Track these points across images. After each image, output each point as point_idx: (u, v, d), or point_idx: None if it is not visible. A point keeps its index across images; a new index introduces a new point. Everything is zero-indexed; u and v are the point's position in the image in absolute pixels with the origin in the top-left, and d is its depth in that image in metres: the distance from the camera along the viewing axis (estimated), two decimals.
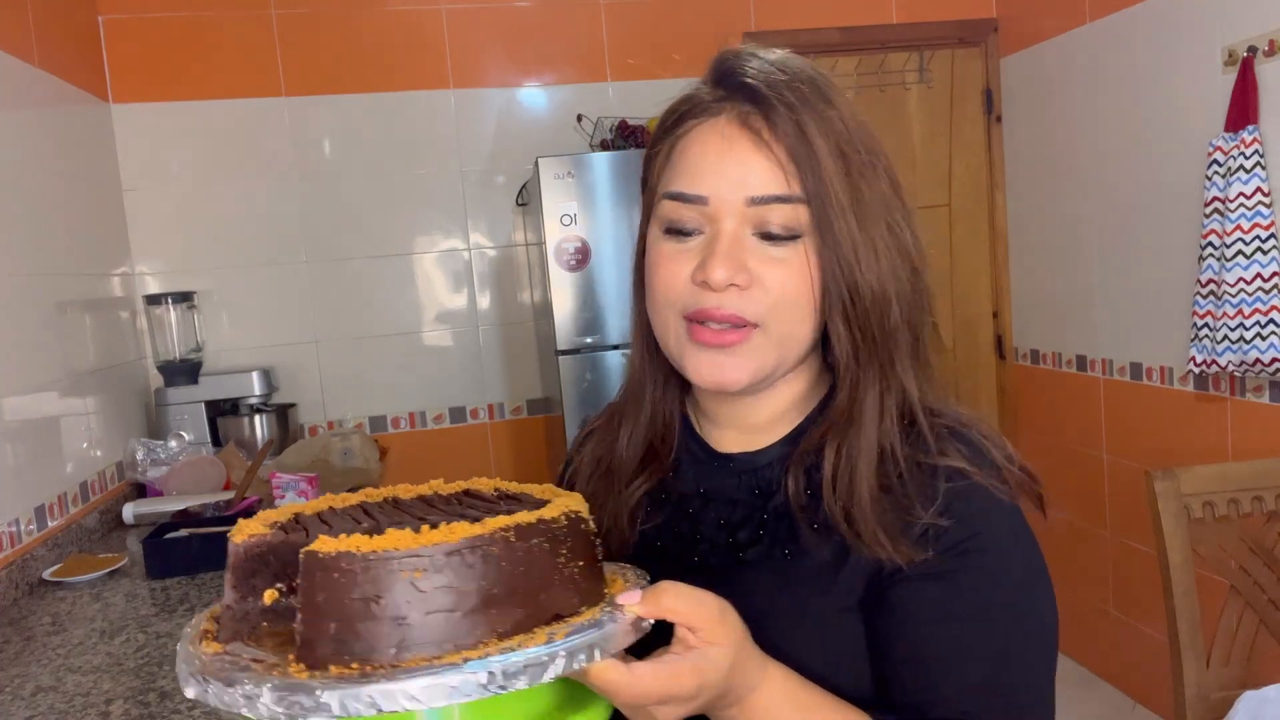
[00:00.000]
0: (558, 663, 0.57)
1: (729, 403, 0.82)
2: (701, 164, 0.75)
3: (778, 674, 0.69)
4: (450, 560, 0.59)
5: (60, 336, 2.25)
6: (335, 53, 2.99)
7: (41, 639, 1.61)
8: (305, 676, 0.57)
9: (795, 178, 0.73)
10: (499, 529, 0.61)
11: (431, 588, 0.58)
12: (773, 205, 0.73)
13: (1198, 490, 1.83)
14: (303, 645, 0.59)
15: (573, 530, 0.65)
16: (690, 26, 3.19)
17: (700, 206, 0.75)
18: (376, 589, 0.58)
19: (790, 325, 0.75)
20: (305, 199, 3.01)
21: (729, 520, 0.81)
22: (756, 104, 0.74)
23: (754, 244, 0.74)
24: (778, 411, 0.82)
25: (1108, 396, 3.00)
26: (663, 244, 0.77)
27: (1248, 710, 1.47)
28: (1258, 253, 2.27)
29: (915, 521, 0.73)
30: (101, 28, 2.84)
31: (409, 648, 0.58)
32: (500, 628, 0.59)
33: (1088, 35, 2.93)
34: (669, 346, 0.78)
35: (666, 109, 0.80)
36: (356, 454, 2.66)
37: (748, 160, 0.73)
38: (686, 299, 0.75)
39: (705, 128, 0.76)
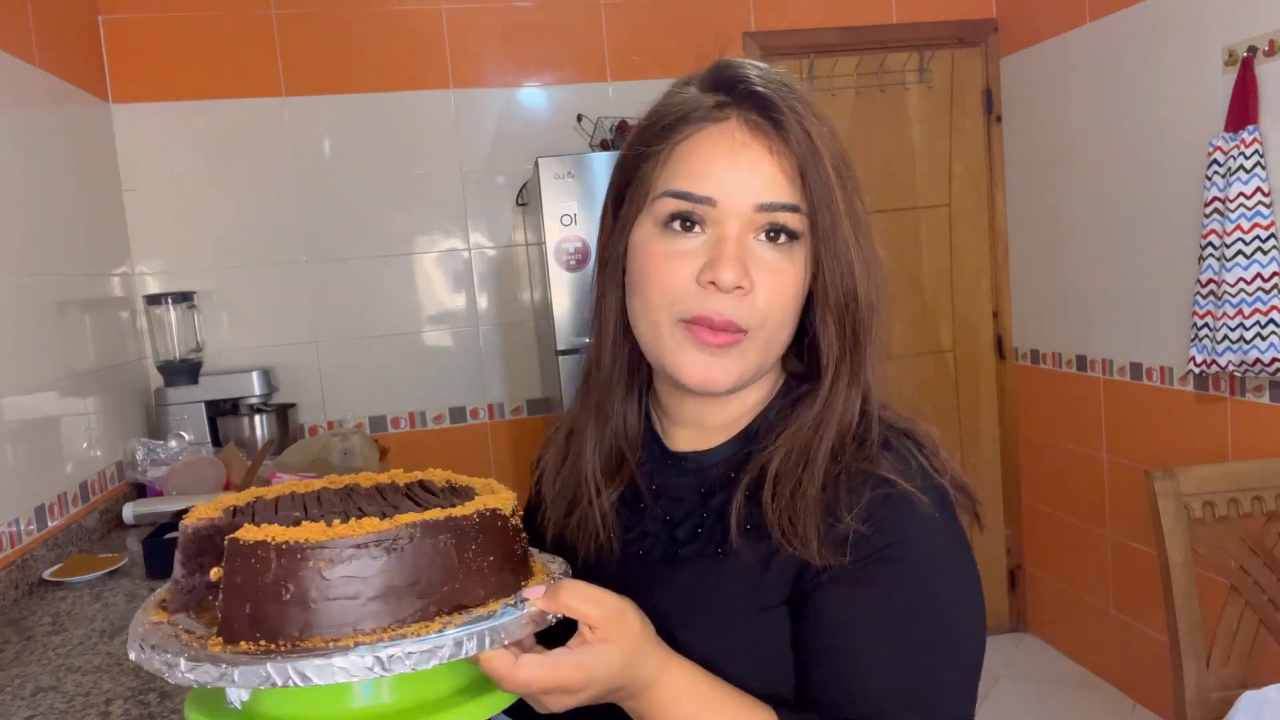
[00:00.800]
0: (443, 649, 0.62)
1: (697, 404, 0.83)
2: (710, 167, 0.75)
3: (680, 670, 0.72)
4: (356, 553, 0.64)
5: (60, 336, 2.25)
6: (335, 53, 2.99)
7: (41, 639, 1.61)
8: (219, 649, 0.63)
9: (800, 187, 0.75)
10: (404, 525, 0.66)
11: (335, 576, 0.64)
12: (779, 212, 0.75)
13: (1198, 490, 1.83)
14: (223, 622, 0.65)
15: (485, 527, 0.70)
16: (690, 26, 3.19)
17: (707, 208, 0.75)
18: (286, 575, 0.64)
19: (776, 331, 0.78)
20: (305, 199, 3.01)
21: (673, 517, 0.83)
22: (766, 112, 0.75)
23: (756, 247, 0.76)
24: (737, 412, 0.84)
25: (1108, 396, 3.00)
26: (657, 243, 0.77)
27: (1248, 710, 1.47)
28: (1258, 253, 2.27)
29: (837, 525, 0.74)
30: (101, 28, 2.84)
31: (311, 630, 0.63)
32: (400, 615, 0.65)
33: (1088, 35, 2.93)
34: (656, 345, 0.78)
35: (656, 112, 0.80)
36: (356, 454, 2.66)
37: (759, 166, 0.75)
38: (687, 301, 0.75)
39: (713, 131, 0.76)
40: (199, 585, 0.73)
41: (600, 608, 0.68)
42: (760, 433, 0.82)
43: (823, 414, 0.78)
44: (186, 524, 0.73)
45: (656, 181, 0.77)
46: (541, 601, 0.68)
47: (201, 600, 0.73)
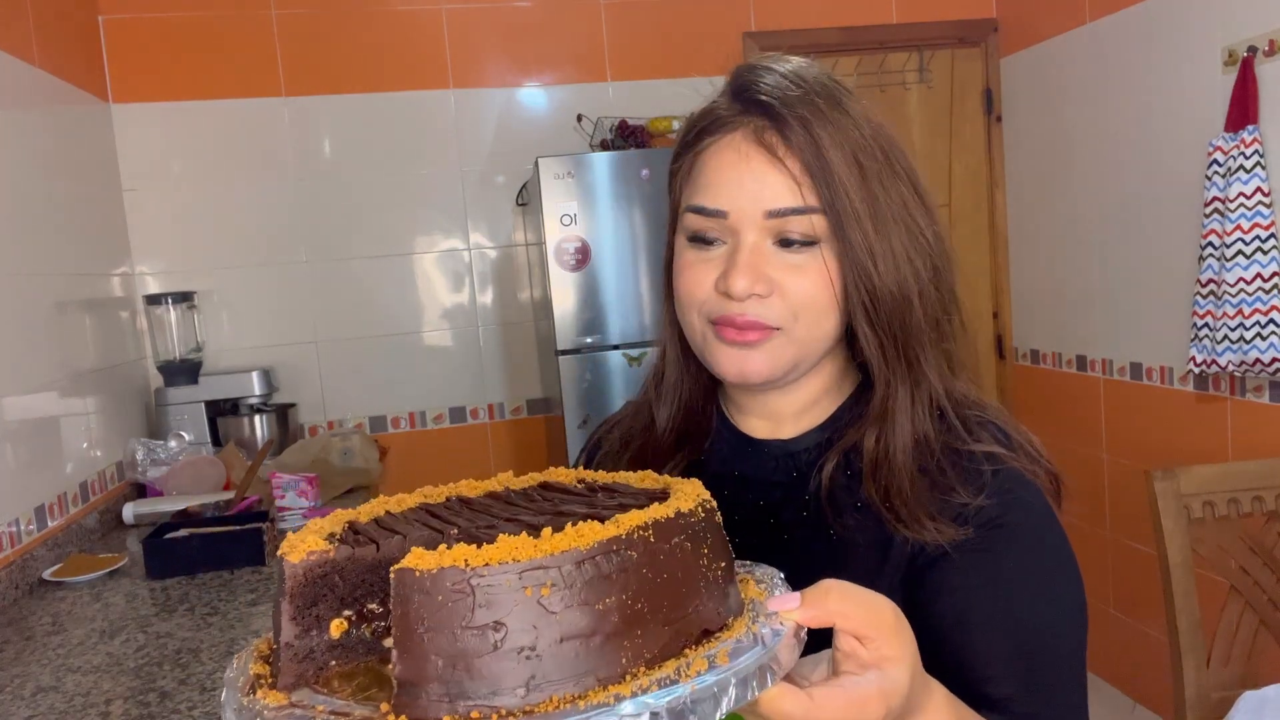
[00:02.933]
0: (730, 693, 0.47)
1: (756, 394, 0.85)
2: (719, 179, 0.78)
3: (940, 692, 0.63)
4: (582, 570, 0.47)
5: (60, 336, 2.25)
6: (335, 53, 2.99)
7: (41, 639, 1.61)
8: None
9: (810, 189, 0.75)
10: (635, 527, 0.50)
11: (563, 607, 0.46)
12: (789, 217, 0.76)
13: (1198, 490, 1.83)
14: (401, 691, 0.47)
15: (710, 525, 0.55)
16: (690, 26, 3.19)
17: (720, 219, 0.77)
18: (495, 613, 0.46)
19: (810, 328, 0.78)
20: (305, 199, 3.00)
21: (768, 502, 0.83)
22: (771, 119, 0.76)
23: (774, 252, 0.77)
24: (805, 402, 0.85)
25: (1108, 396, 3.00)
26: (687, 252, 0.81)
27: (1248, 710, 1.47)
28: (1258, 253, 2.27)
29: (955, 502, 0.76)
30: (101, 28, 2.84)
31: (540, 686, 0.46)
32: (648, 652, 0.49)
33: (1088, 35, 2.93)
34: (695, 344, 0.82)
35: (687, 123, 0.83)
36: (356, 454, 2.66)
37: (763, 175, 0.76)
38: (711, 305, 0.79)
39: (722, 144, 0.78)
40: (318, 647, 0.56)
41: (878, 615, 0.56)
42: (849, 421, 0.83)
43: (885, 408, 0.79)
44: (294, 561, 0.55)
45: (682, 196, 0.82)
46: (800, 613, 0.55)
47: (323, 667, 0.56)
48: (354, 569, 0.56)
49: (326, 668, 0.55)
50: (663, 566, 0.50)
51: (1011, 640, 0.74)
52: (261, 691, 0.52)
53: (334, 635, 0.55)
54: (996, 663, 0.73)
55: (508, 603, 0.46)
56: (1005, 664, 0.74)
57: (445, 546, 0.48)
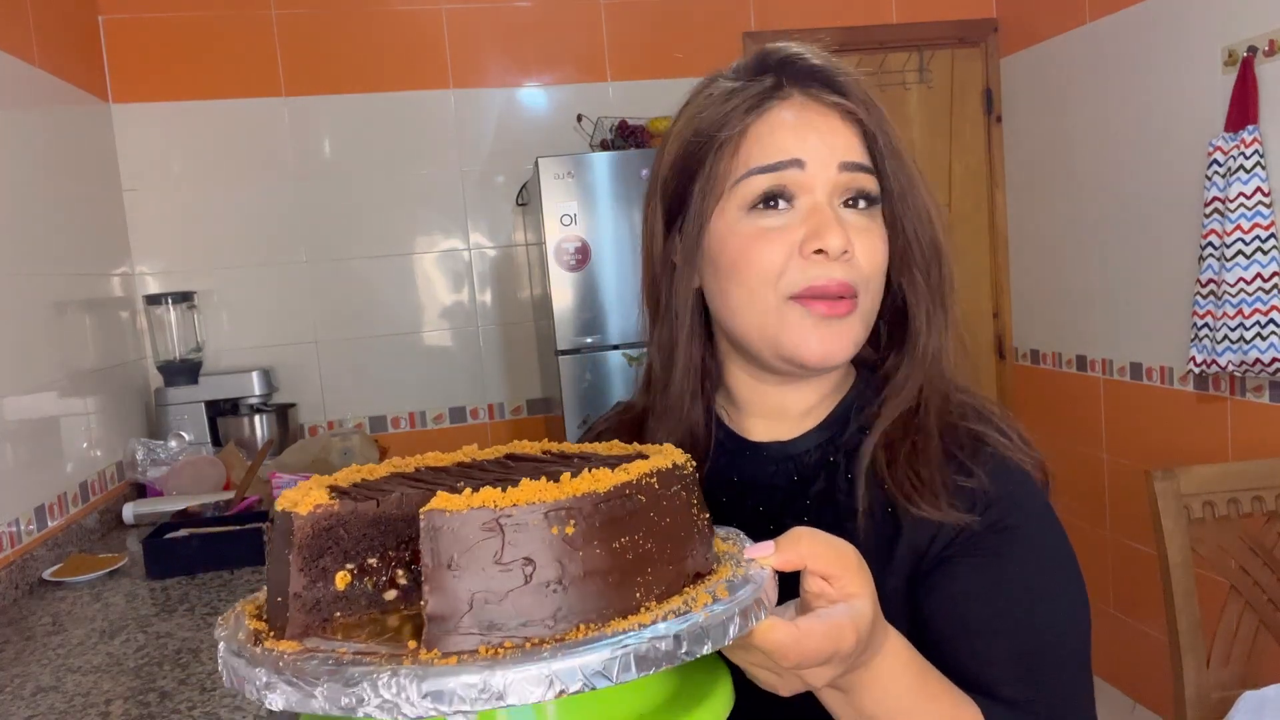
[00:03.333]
0: (735, 622, 0.52)
1: (781, 390, 0.82)
2: (790, 135, 0.75)
3: (894, 634, 0.66)
4: (599, 511, 0.51)
5: (60, 336, 2.25)
6: (335, 53, 2.99)
7: (41, 639, 1.61)
8: (453, 661, 0.47)
9: (870, 152, 0.76)
10: (643, 475, 0.55)
11: (585, 544, 0.51)
12: (858, 173, 0.75)
13: (1198, 490, 1.83)
14: (433, 625, 0.49)
15: (695, 480, 0.61)
16: (690, 26, 3.19)
17: (796, 172, 0.74)
18: (522, 550, 0.50)
19: (876, 295, 0.77)
20: (305, 199, 3.01)
21: (769, 508, 0.81)
22: (827, 84, 0.76)
23: (844, 214, 0.75)
24: (815, 398, 0.83)
25: (1108, 396, 3.00)
26: (745, 225, 0.75)
27: (1248, 710, 1.47)
28: (1258, 253, 2.27)
29: (962, 483, 0.75)
30: (101, 28, 2.84)
31: (567, 617, 0.50)
32: (657, 589, 0.53)
33: (1088, 35, 2.93)
34: (765, 329, 0.76)
35: (702, 113, 0.78)
36: (356, 454, 2.66)
37: (835, 128, 0.75)
38: (793, 276, 0.74)
39: (782, 108, 0.76)
40: (324, 598, 0.57)
41: (843, 555, 0.61)
42: (851, 418, 0.81)
43: (921, 370, 0.78)
44: (302, 514, 0.57)
45: (734, 167, 0.76)
46: (776, 557, 0.59)
47: (329, 619, 0.57)
48: (356, 523, 0.58)
49: (332, 619, 0.57)
50: (665, 511, 0.55)
51: (1014, 642, 0.74)
52: (270, 641, 0.54)
53: (339, 587, 0.57)
54: (1000, 665, 0.74)
55: (535, 540, 0.50)
56: (1008, 666, 0.74)
57: (470, 491, 0.51)
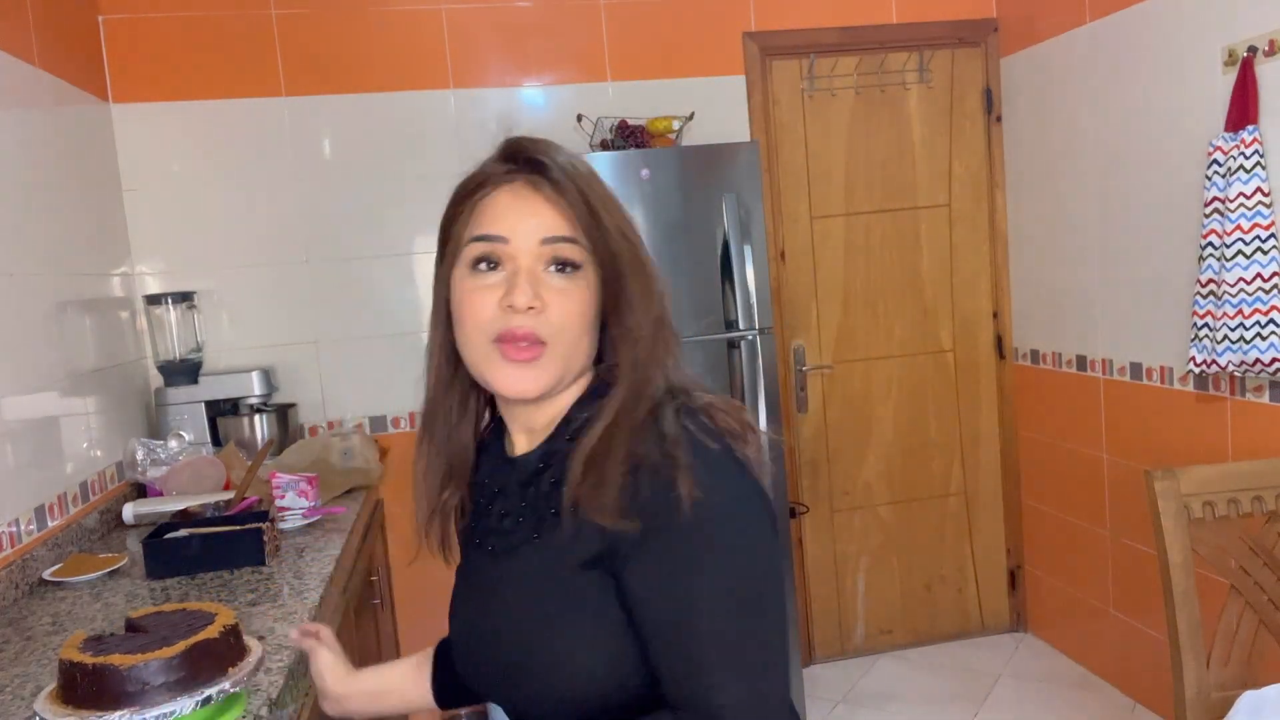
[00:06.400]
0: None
1: (523, 410, 0.99)
2: (502, 213, 0.93)
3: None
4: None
5: (60, 336, 2.25)
6: (335, 53, 2.99)
7: (41, 639, 1.61)
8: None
9: (577, 223, 0.92)
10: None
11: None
12: (560, 244, 0.92)
13: (1198, 490, 1.83)
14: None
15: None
16: (690, 26, 3.19)
17: (502, 245, 0.92)
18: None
19: (573, 344, 0.93)
20: (305, 199, 3.00)
21: (507, 511, 0.98)
22: (542, 173, 0.93)
23: (546, 277, 0.92)
24: (554, 414, 0.98)
25: (1108, 396, 3.00)
26: (468, 280, 0.94)
27: (1248, 710, 1.47)
28: (1258, 253, 2.27)
29: (623, 498, 0.86)
30: (101, 28, 2.84)
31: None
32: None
33: (1088, 35, 2.93)
34: (478, 365, 0.95)
35: (464, 182, 0.98)
36: (356, 454, 2.66)
37: (540, 211, 0.93)
38: (495, 323, 0.92)
39: (502, 190, 0.94)
40: None
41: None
42: (566, 427, 0.96)
43: (618, 405, 0.92)
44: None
45: (465, 232, 0.95)
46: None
47: None
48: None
49: None
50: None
51: (658, 637, 0.86)
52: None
53: None
54: (664, 668, 0.86)
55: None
56: (670, 668, 0.86)
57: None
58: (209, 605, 1.25)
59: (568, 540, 0.89)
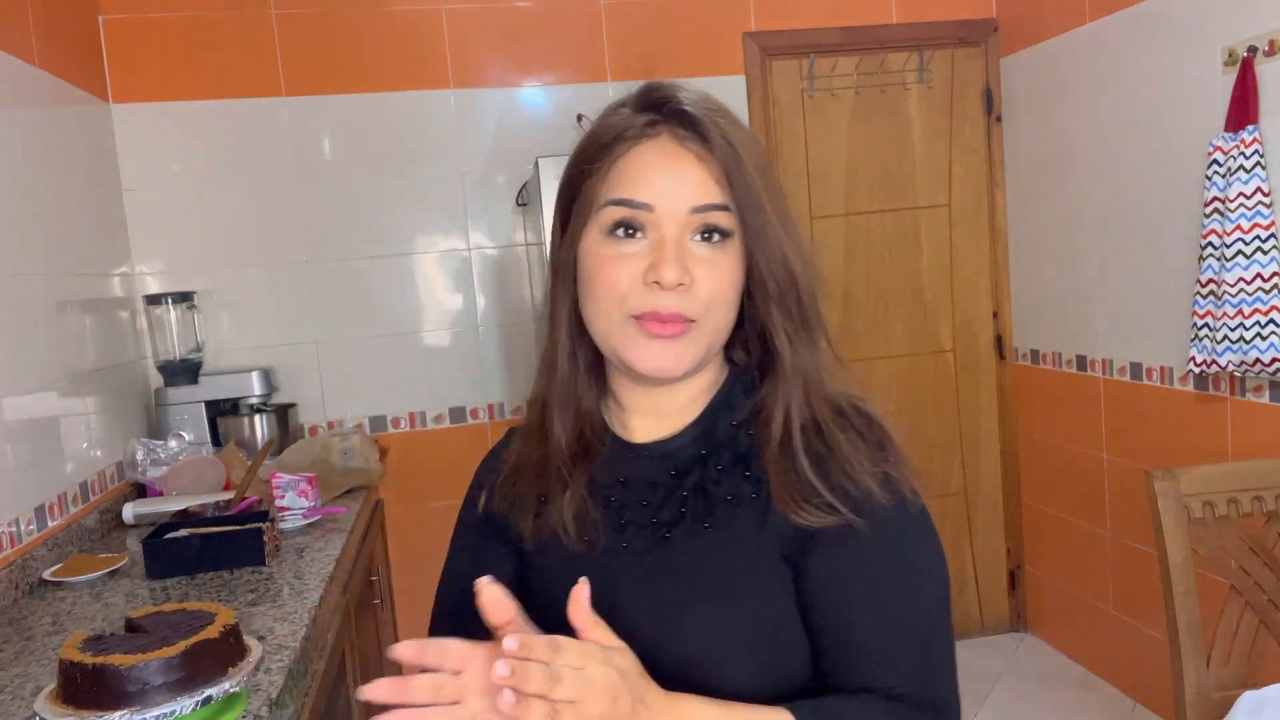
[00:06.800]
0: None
1: (652, 392, 0.91)
2: (647, 175, 0.84)
3: (693, 699, 0.77)
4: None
5: (60, 336, 2.25)
6: (335, 53, 2.99)
7: (41, 639, 1.61)
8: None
9: (727, 189, 0.83)
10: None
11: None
12: (710, 212, 0.83)
13: (1198, 490, 1.83)
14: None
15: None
16: (690, 26, 3.19)
17: (646, 213, 0.83)
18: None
19: (720, 320, 0.86)
20: (305, 199, 3.01)
21: (650, 502, 0.88)
22: (692, 127, 0.84)
23: (692, 246, 0.84)
24: (688, 399, 0.91)
25: (1108, 396, 3.00)
26: (605, 247, 0.85)
27: (1248, 710, 1.47)
28: (1258, 253, 2.27)
29: (835, 488, 0.82)
30: (101, 28, 2.84)
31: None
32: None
33: (1088, 35, 2.93)
34: (611, 339, 0.86)
35: (593, 134, 0.90)
36: (356, 454, 2.66)
37: (689, 173, 0.84)
38: (635, 299, 0.83)
39: (647, 146, 0.85)
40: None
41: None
42: (720, 414, 0.90)
43: (791, 384, 0.86)
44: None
45: (600, 193, 0.86)
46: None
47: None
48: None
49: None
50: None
51: (883, 627, 0.82)
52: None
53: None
54: (871, 649, 0.82)
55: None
56: (880, 650, 0.82)
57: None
58: (209, 605, 1.25)
59: (755, 530, 0.83)
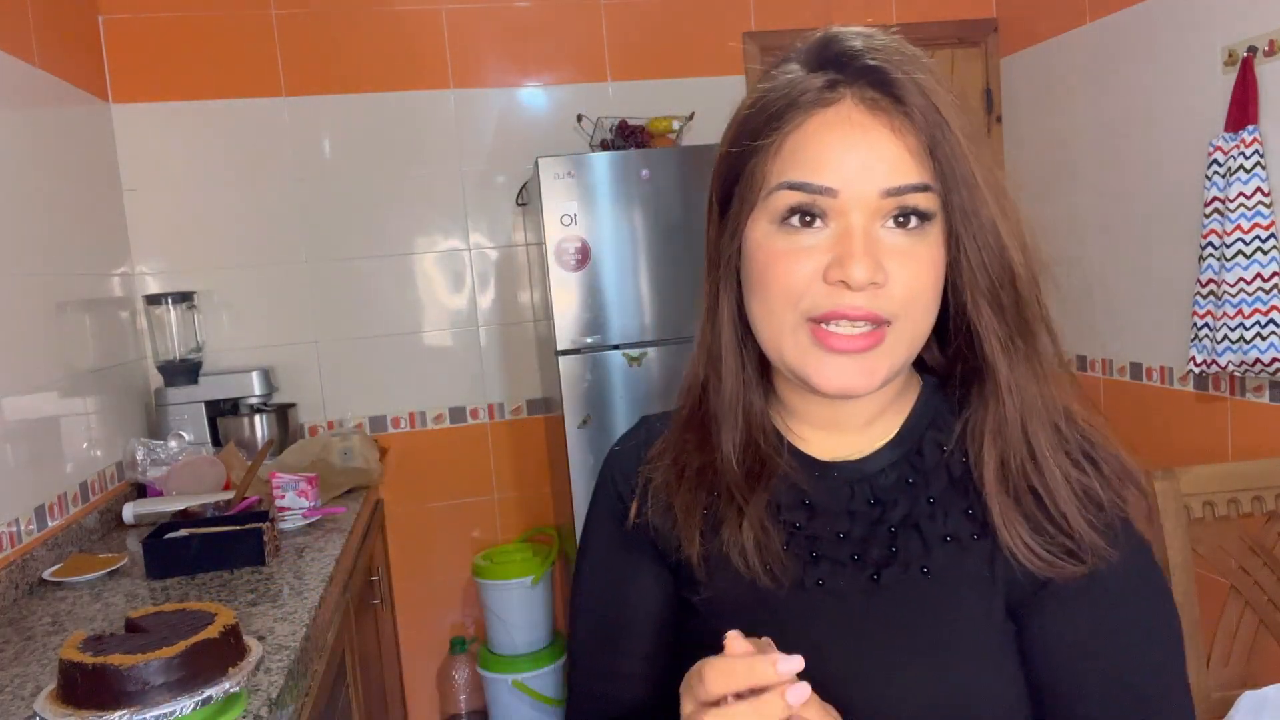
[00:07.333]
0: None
1: (830, 403, 0.76)
2: (829, 154, 0.68)
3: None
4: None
5: (60, 336, 2.25)
6: (335, 53, 2.99)
7: (41, 639, 1.61)
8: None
9: (928, 164, 0.67)
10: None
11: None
12: (908, 195, 0.67)
13: (1198, 490, 1.83)
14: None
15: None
16: (690, 26, 3.19)
17: (829, 199, 0.68)
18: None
19: (919, 322, 0.70)
20: (305, 199, 3.00)
21: (848, 535, 0.74)
22: (884, 88, 0.68)
23: (885, 235, 0.68)
24: (875, 411, 0.76)
25: (1108, 396, 3.00)
26: (777, 239, 0.70)
27: (1248, 710, 1.47)
28: (1258, 253, 2.27)
29: (1072, 533, 0.70)
30: (101, 28, 2.84)
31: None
32: None
33: (1088, 35, 2.93)
34: (783, 351, 0.71)
35: (759, 100, 0.72)
36: (356, 454, 2.66)
37: (881, 149, 0.67)
38: (816, 299, 0.69)
39: (828, 115, 0.68)
40: None
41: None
42: (925, 434, 0.76)
43: (1007, 408, 0.71)
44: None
45: (770, 174, 0.70)
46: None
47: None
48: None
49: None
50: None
51: (1129, 685, 0.70)
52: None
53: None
54: (1115, 710, 0.70)
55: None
56: (1124, 712, 0.70)
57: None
58: (209, 605, 1.25)
59: (982, 580, 0.71)
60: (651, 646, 0.80)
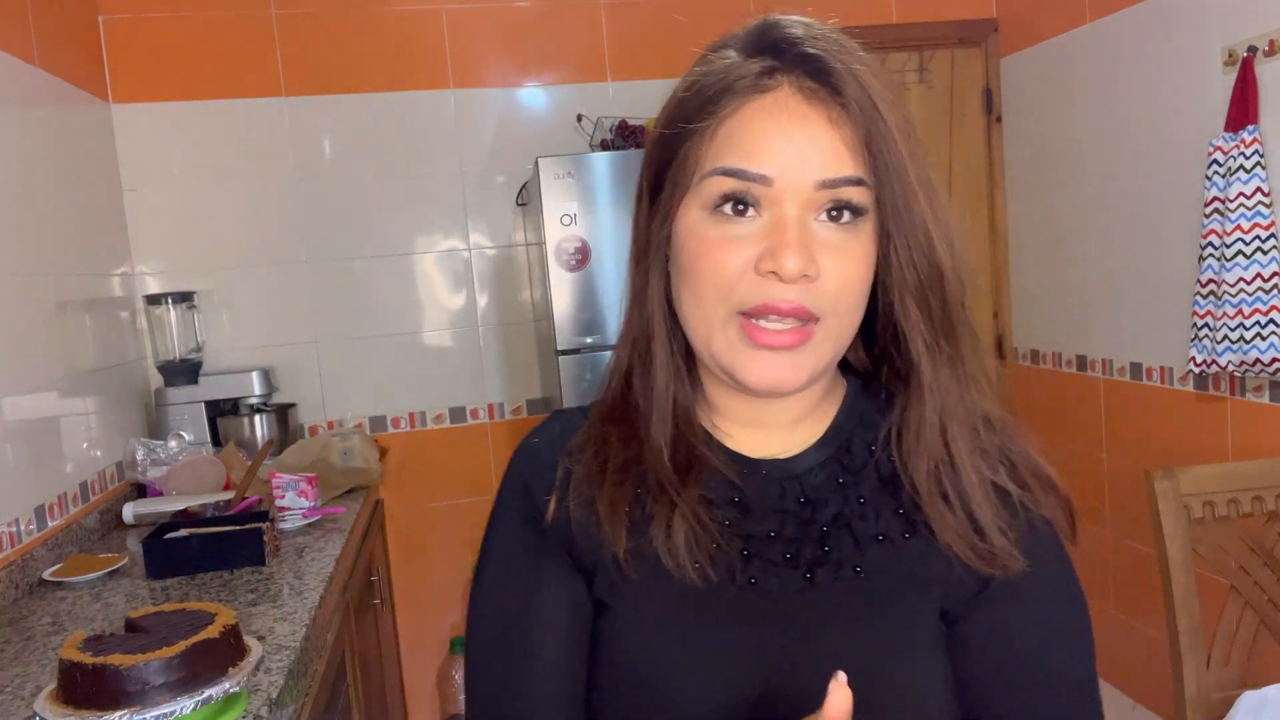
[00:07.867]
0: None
1: (753, 401, 0.75)
2: (765, 140, 0.66)
3: None
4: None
5: (60, 336, 2.25)
6: (335, 53, 2.99)
7: (41, 639, 1.61)
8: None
9: (864, 158, 0.66)
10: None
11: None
12: (843, 188, 0.66)
13: (1198, 490, 1.83)
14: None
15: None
16: (690, 26, 3.18)
17: (763, 187, 0.66)
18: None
19: (846, 318, 0.69)
20: (305, 199, 3.00)
21: (779, 534, 0.73)
22: (821, 77, 0.67)
23: (816, 230, 0.67)
24: (803, 410, 0.76)
25: (1108, 396, 3.00)
26: (709, 228, 0.68)
27: (1248, 710, 1.47)
28: (1258, 253, 2.27)
29: (1005, 529, 0.71)
30: (101, 28, 2.84)
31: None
32: None
33: (1088, 35, 2.93)
34: (711, 345, 0.70)
35: (695, 83, 0.71)
36: (356, 454, 2.66)
37: (818, 139, 0.66)
38: (745, 292, 0.67)
39: (765, 102, 0.67)
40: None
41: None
42: (852, 433, 0.76)
43: (940, 407, 0.71)
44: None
45: (704, 159, 0.68)
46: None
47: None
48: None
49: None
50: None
51: (1045, 686, 0.72)
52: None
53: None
54: (1050, 709, 0.72)
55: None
56: (1058, 710, 0.73)
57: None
58: (209, 605, 1.25)
59: (915, 580, 0.71)
60: (565, 660, 0.74)
